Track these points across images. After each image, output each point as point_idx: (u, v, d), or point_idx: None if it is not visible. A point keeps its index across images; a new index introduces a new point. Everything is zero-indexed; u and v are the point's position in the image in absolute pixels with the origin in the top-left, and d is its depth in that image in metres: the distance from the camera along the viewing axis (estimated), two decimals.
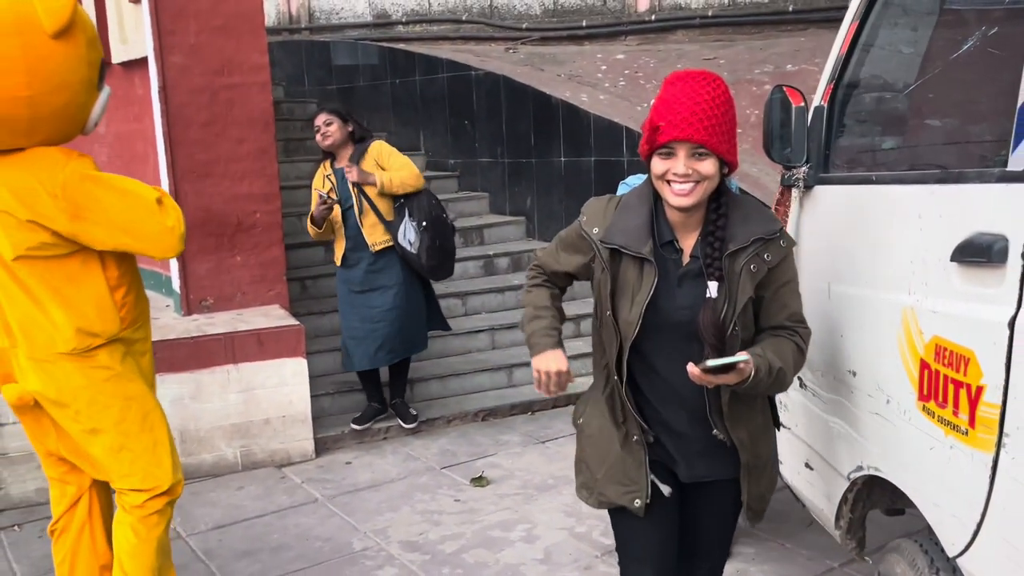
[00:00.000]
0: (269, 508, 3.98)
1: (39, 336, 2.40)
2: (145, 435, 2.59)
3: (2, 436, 4.00)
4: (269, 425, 4.45)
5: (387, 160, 4.50)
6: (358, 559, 3.47)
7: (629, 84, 7.03)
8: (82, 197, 2.35)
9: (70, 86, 2.39)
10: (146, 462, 2.59)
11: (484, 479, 4.18)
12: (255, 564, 3.46)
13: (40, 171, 2.35)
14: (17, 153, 2.38)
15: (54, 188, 2.31)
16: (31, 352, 2.43)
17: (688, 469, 2.05)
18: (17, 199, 2.32)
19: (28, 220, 2.31)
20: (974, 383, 1.65)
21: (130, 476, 2.59)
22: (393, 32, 8.88)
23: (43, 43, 2.30)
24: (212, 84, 4.62)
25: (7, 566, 3.51)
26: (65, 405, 2.45)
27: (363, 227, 4.44)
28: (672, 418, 2.00)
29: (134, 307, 2.60)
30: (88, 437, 2.54)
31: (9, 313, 2.42)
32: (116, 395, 2.50)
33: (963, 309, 1.69)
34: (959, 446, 1.71)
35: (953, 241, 1.70)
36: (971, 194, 1.68)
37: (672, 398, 1.98)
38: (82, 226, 2.35)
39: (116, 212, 2.40)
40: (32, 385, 2.44)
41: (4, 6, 2.27)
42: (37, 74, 2.30)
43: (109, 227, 2.38)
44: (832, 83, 2.28)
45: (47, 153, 2.40)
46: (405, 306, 4.50)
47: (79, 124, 2.51)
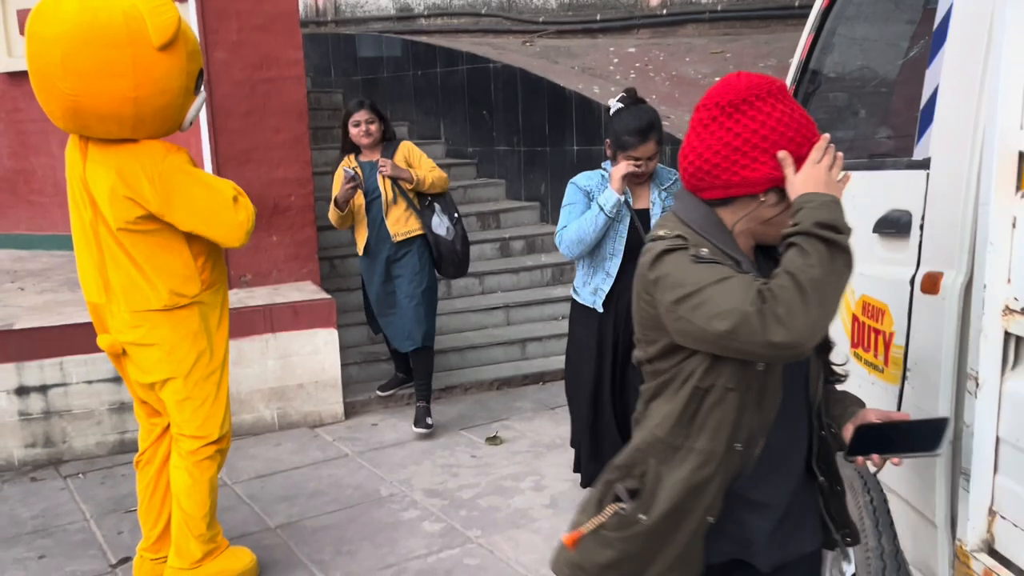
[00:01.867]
0: (305, 461, 4.43)
1: (136, 294, 2.87)
2: (208, 389, 3.04)
3: (67, 395, 4.47)
4: (303, 389, 4.90)
5: (417, 160, 4.63)
6: (385, 503, 3.91)
7: (640, 77, 7.39)
8: (174, 185, 2.80)
9: (170, 91, 2.82)
10: (204, 413, 3.04)
11: (498, 438, 4.62)
12: (294, 507, 3.91)
13: (144, 159, 2.79)
14: (130, 143, 2.83)
15: (153, 175, 2.77)
16: (130, 306, 2.89)
17: (778, 548, 1.64)
18: (122, 180, 2.77)
19: (127, 197, 2.76)
20: (888, 330, 2.05)
21: (189, 423, 3.03)
22: (415, 25, 9.28)
23: (150, 54, 2.73)
24: (252, 78, 5.06)
25: (75, 506, 3.99)
26: (152, 345, 2.91)
27: (387, 218, 4.55)
28: (771, 489, 1.62)
29: (211, 273, 3.04)
30: (160, 386, 2.99)
31: (112, 274, 2.88)
32: (192, 349, 2.96)
33: (881, 271, 2.08)
34: (878, 382, 2.11)
35: (875, 216, 2.09)
36: (887, 178, 2.07)
37: (781, 462, 1.63)
38: (169, 209, 2.80)
39: (199, 203, 2.85)
40: (126, 336, 2.90)
41: (120, 22, 2.69)
42: (143, 80, 2.74)
43: (191, 214, 2.83)
44: (794, 84, 2.67)
45: (152, 145, 2.85)
46: (424, 296, 4.61)
47: (177, 123, 2.95)
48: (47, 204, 6.83)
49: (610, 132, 3.31)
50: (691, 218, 1.61)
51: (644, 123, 3.22)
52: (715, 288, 1.45)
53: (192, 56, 2.89)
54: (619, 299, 3.35)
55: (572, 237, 3.35)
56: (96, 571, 3.40)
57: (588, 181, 3.42)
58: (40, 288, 5.36)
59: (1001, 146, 1.59)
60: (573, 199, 3.43)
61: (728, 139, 1.54)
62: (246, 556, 3.23)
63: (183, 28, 2.82)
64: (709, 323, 1.44)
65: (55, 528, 3.77)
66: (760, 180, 1.54)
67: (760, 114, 1.53)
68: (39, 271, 5.96)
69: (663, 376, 1.61)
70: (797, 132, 1.53)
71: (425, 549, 3.47)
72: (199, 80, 2.97)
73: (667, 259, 1.54)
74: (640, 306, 1.62)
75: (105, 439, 4.57)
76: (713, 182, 1.58)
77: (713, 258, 1.52)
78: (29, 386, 4.39)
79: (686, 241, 1.55)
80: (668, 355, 1.59)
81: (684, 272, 1.50)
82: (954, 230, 1.79)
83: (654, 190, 3.39)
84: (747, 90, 1.56)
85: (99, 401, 4.52)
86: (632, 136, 3.22)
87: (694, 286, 1.47)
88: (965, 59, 1.76)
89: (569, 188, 3.46)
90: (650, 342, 1.62)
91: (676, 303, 1.49)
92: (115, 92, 2.71)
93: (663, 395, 1.61)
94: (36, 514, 3.91)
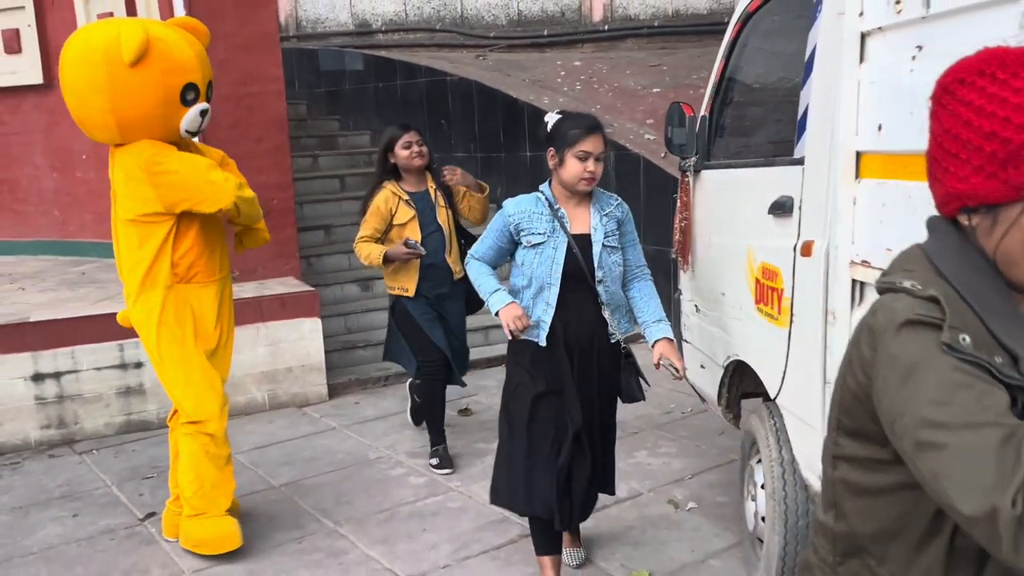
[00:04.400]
0: (297, 434, 4.98)
1: (129, 278, 3.41)
2: (176, 373, 3.45)
3: (79, 381, 4.94)
4: (291, 373, 5.44)
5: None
6: (375, 464, 4.48)
7: (585, 88, 8.08)
8: (155, 168, 3.26)
9: (146, 102, 3.27)
10: (179, 396, 3.48)
11: (469, 410, 5.21)
12: (294, 470, 4.46)
13: (136, 156, 3.29)
14: (130, 144, 3.34)
15: (140, 166, 3.26)
16: (127, 289, 3.43)
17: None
18: (125, 175, 3.29)
19: (126, 193, 3.28)
20: (780, 287, 2.71)
21: (171, 396, 3.53)
22: (373, 40, 9.83)
23: (122, 70, 3.22)
24: (236, 92, 5.59)
25: (96, 476, 4.48)
26: (136, 325, 3.44)
27: (449, 255, 4.28)
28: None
29: (190, 270, 3.43)
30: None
31: (119, 259, 3.43)
32: (156, 334, 3.40)
33: (775, 243, 2.74)
34: (775, 328, 2.77)
35: (770, 200, 2.76)
36: (778, 172, 2.73)
37: None
38: (159, 191, 3.24)
39: (179, 177, 3.26)
40: (128, 313, 3.47)
41: (99, 44, 3.22)
42: (119, 93, 3.23)
43: (176, 190, 3.25)
44: (711, 100, 3.34)
45: (141, 144, 3.32)
46: (464, 331, 4.53)
47: (169, 130, 3.37)
48: (30, 212, 7.25)
49: (554, 139, 2.91)
50: (948, 267, 1.14)
51: (592, 120, 2.91)
52: (965, 438, 1.00)
53: (172, 71, 3.29)
54: (564, 331, 2.95)
55: (472, 276, 3.07)
56: (127, 524, 3.90)
57: (516, 209, 2.95)
58: (40, 288, 5.80)
59: (844, 147, 2.25)
60: (493, 227, 3.01)
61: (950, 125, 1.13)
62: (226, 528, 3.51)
63: (158, 47, 3.26)
64: (939, 484, 1.02)
65: (81, 493, 4.26)
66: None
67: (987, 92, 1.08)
68: (32, 274, 6.38)
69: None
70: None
71: (413, 497, 4.06)
72: (188, 93, 3.33)
73: (908, 337, 1.09)
74: (847, 382, 1.20)
75: (113, 420, 5.05)
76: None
77: (976, 356, 1.05)
78: (44, 373, 4.86)
79: (942, 315, 1.08)
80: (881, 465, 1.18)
81: (927, 375, 1.05)
82: (820, 209, 2.45)
83: (595, 214, 2.95)
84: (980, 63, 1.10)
85: (107, 386, 5.01)
86: (580, 129, 2.85)
87: (937, 415, 1.03)
88: (824, 85, 2.42)
89: (498, 215, 3.00)
90: (852, 433, 1.22)
91: (905, 424, 1.07)
92: (97, 105, 3.24)
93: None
94: (61, 483, 4.39)
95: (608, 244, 2.96)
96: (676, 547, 3.47)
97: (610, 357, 3.06)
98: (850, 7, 2.20)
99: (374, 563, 3.45)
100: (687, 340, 3.67)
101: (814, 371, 2.48)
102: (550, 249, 2.92)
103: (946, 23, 1.89)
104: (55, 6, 6.65)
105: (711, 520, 3.68)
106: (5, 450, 4.80)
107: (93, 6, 6.40)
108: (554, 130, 2.92)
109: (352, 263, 6.96)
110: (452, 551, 3.53)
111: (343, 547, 3.60)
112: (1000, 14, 1.69)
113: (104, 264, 6.52)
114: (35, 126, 7.00)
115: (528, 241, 2.95)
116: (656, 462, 4.33)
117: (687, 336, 3.69)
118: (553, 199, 2.96)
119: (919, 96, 1.94)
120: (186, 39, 3.41)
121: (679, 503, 3.85)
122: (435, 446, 4.40)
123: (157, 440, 4.88)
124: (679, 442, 4.54)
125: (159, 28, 3.45)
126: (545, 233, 2.92)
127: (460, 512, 3.88)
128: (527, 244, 2.95)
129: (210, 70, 3.52)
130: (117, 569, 3.49)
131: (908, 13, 2.01)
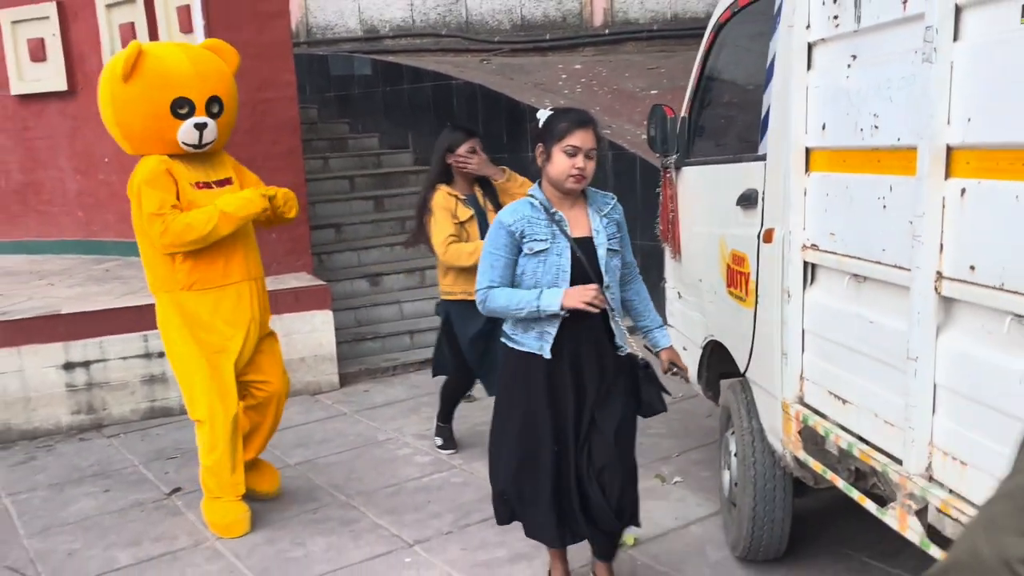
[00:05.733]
0: (311, 419, 5.29)
1: (149, 280, 3.71)
2: (180, 372, 3.72)
3: (106, 369, 5.27)
4: (304, 362, 5.75)
5: (520, 185, 4.24)
6: (384, 444, 4.79)
7: (585, 91, 8.37)
8: (133, 196, 3.52)
9: (140, 115, 3.55)
10: (184, 394, 3.77)
11: (472, 397, 5.49)
12: (308, 450, 4.77)
13: (136, 175, 3.55)
14: (143, 157, 3.62)
15: (132, 187, 3.53)
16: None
17: None
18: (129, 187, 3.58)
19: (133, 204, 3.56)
20: (747, 271, 3.00)
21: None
22: (381, 45, 10.15)
23: (119, 85, 3.54)
24: (252, 98, 5.90)
25: (124, 456, 4.80)
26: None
27: None
28: None
29: (189, 276, 3.58)
30: None
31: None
32: (167, 337, 3.70)
33: (743, 231, 3.03)
34: (743, 309, 3.06)
35: (737, 193, 3.05)
36: (745, 167, 3.02)
37: None
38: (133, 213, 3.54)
39: (136, 215, 3.52)
40: None
41: (110, 63, 3.57)
42: (117, 107, 3.57)
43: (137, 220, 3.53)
44: (690, 102, 3.63)
45: (143, 162, 3.58)
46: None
47: (167, 143, 3.55)
48: (55, 213, 7.59)
49: (543, 134, 2.76)
50: None
51: (583, 115, 2.75)
52: None
53: (161, 86, 3.49)
54: (568, 343, 2.76)
55: (499, 306, 2.75)
56: (155, 498, 4.22)
57: (514, 216, 2.76)
58: (67, 284, 6.13)
59: (795, 144, 2.54)
60: (497, 244, 2.76)
61: None
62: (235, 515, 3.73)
63: (149, 63, 3.52)
64: None
65: (112, 471, 4.58)
66: None
67: None
68: (59, 271, 6.72)
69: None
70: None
71: (419, 473, 4.37)
72: (180, 107, 3.50)
73: None
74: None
75: (138, 406, 5.37)
76: None
77: None
78: (74, 362, 5.19)
79: None
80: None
81: None
82: (779, 199, 2.74)
83: (593, 216, 2.79)
84: None
85: (133, 374, 5.33)
86: (570, 122, 2.69)
87: None
88: (781, 90, 2.71)
89: (493, 228, 2.80)
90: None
91: None
92: (108, 118, 3.60)
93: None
94: (92, 463, 4.72)
95: (611, 247, 2.79)
96: (661, 515, 3.76)
97: (620, 369, 2.84)
98: (799, 20, 2.50)
99: (383, 530, 3.76)
100: (671, 325, 3.96)
101: (775, 346, 2.77)
102: (554, 256, 2.71)
103: (873, 36, 2.18)
104: (79, 17, 6.99)
105: (695, 492, 3.97)
106: (39, 434, 5.14)
107: (115, 16, 6.73)
108: (544, 126, 2.75)
109: (362, 260, 7.30)
110: (454, 520, 3.82)
111: (354, 517, 3.90)
112: (910, 29, 1.98)
113: (126, 262, 6.85)
114: (59, 131, 7.34)
115: (530, 248, 2.72)
116: (647, 441, 4.60)
117: (671, 321, 3.98)
118: (547, 202, 2.75)
119: (854, 99, 2.25)
120: (192, 58, 3.62)
121: (666, 477, 4.14)
122: (442, 424, 4.65)
123: (179, 425, 5.21)
124: (669, 424, 4.83)
125: (159, 47, 3.76)
126: (547, 239, 2.71)
127: (462, 486, 4.18)
128: (528, 252, 2.72)
129: (220, 87, 3.68)
130: (147, 537, 3.80)
131: (844, 27, 2.30)
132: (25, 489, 4.39)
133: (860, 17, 2.21)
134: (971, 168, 1.84)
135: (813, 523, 3.51)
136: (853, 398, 2.37)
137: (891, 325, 2.14)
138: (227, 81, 3.78)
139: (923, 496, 1.99)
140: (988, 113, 1.78)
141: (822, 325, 2.53)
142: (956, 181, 1.88)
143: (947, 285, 1.92)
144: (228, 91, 3.76)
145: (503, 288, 2.75)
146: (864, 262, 2.27)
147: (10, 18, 7.20)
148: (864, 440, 2.30)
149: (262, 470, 4.11)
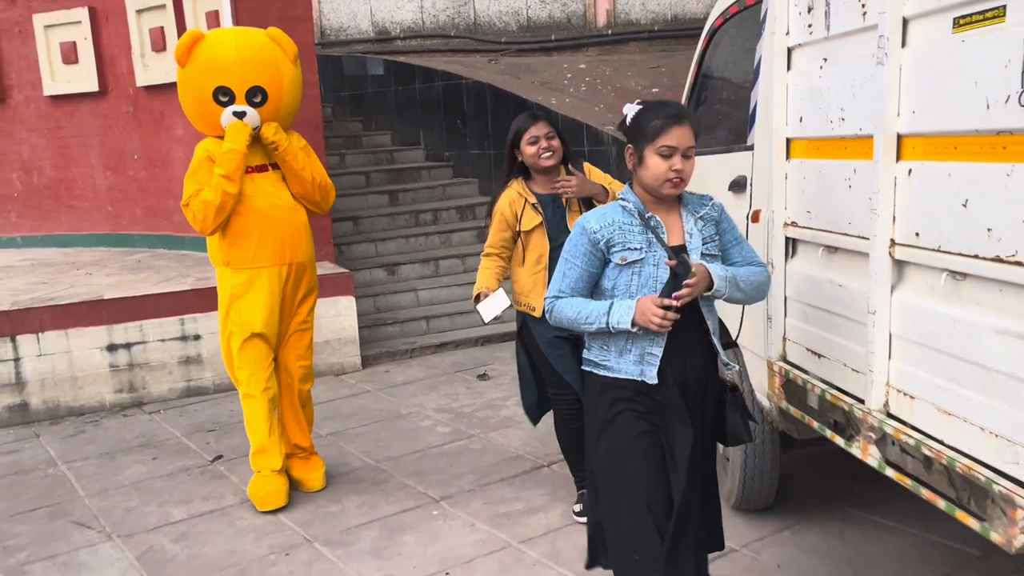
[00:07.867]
0: (337, 396, 5.68)
1: (209, 254, 4.09)
2: (222, 341, 4.06)
3: (146, 351, 5.66)
4: (328, 345, 6.14)
5: (607, 182, 3.66)
6: (406, 418, 5.18)
7: (589, 89, 8.75)
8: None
9: (189, 99, 3.96)
10: (226, 365, 4.13)
11: (487, 375, 5.91)
12: (336, 423, 5.16)
13: (195, 152, 3.92)
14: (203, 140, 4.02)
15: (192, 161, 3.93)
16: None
17: None
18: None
19: None
20: None
21: None
22: (392, 46, 10.54)
23: (179, 69, 3.94)
24: None
25: (166, 429, 5.19)
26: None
27: None
28: None
29: (228, 253, 3.89)
30: None
31: None
32: (220, 306, 4.02)
33: (735, 215, 3.40)
34: None
35: (730, 179, 3.43)
36: (736, 157, 3.40)
37: None
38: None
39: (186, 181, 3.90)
40: None
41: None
42: (180, 90, 4.00)
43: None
44: (687, 99, 4.01)
45: (201, 143, 3.93)
46: None
47: (214, 126, 3.87)
48: (86, 208, 7.99)
49: (632, 133, 2.43)
50: None
51: (678, 109, 2.41)
52: None
53: (206, 72, 3.80)
54: (678, 364, 2.42)
55: (566, 318, 2.44)
56: (200, 464, 4.61)
57: (601, 223, 2.42)
58: (104, 273, 6.53)
59: (777, 135, 2.93)
60: (575, 252, 2.44)
61: None
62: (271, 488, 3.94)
63: (201, 49, 3.84)
64: None
65: (156, 442, 4.98)
66: None
67: None
68: (93, 262, 7.11)
69: None
70: None
71: (440, 441, 4.76)
72: (220, 95, 3.80)
73: None
74: None
75: (175, 386, 5.77)
76: None
77: None
78: (116, 344, 5.58)
79: None
80: None
81: None
82: (765, 184, 3.12)
83: (688, 219, 2.47)
84: None
85: (170, 356, 5.73)
86: (662, 119, 2.34)
87: None
88: (766, 87, 3.09)
89: (575, 234, 2.45)
90: None
91: None
92: (180, 99, 4.03)
93: None
94: (137, 435, 5.11)
95: (708, 252, 2.45)
96: None
97: (718, 393, 2.56)
98: (779, 28, 2.88)
99: (411, 488, 4.15)
100: None
101: (760, 312, 3.16)
102: (650, 267, 2.37)
103: (839, 42, 2.56)
104: (109, 21, 7.39)
105: None
106: (85, 411, 5.53)
107: (145, 21, 7.13)
108: (633, 123, 2.42)
109: (379, 250, 7.70)
110: (475, 479, 4.21)
111: (384, 478, 4.29)
112: (868, 36, 2.37)
113: (154, 253, 7.26)
114: (90, 130, 7.74)
115: (622, 259, 2.38)
116: None
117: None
118: (642, 207, 2.42)
119: (825, 95, 2.64)
120: (242, 46, 3.84)
121: None
122: (580, 490, 3.75)
123: (214, 402, 5.61)
124: None
125: (216, 34, 4.04)
126: (641, 247, 2.38)
127: (481, 452, 4.57)
128: (620, 262, 2.39)
129: (266, 77, 3.87)
130: (197, 496, 4.20)
131: (816, 34, 2.68)
132: (79, 458, 4.79)
133: (829, 26, 2.59)
134: (916, 152, 2.22)
135: (800, 479, 3.90)
136: (826, 352, 2.75)
137: (855, 286, 2.52)
138: (276, 71, 3.91)
139: (881, 428, 2.37)
140: (928, 106, 2.16)
141: (801, 291, 2.91)
142: (905, 163, 2.26)
143: (899, 250, 2.30)
144: (276, 81, 3.90)
145: (572, 298, 2.44)
146: (834, 234, 2.65)
147: (43, 23, 7.60)
148: (835, 387, 2.68)
149: (310, 464, 4.22)
